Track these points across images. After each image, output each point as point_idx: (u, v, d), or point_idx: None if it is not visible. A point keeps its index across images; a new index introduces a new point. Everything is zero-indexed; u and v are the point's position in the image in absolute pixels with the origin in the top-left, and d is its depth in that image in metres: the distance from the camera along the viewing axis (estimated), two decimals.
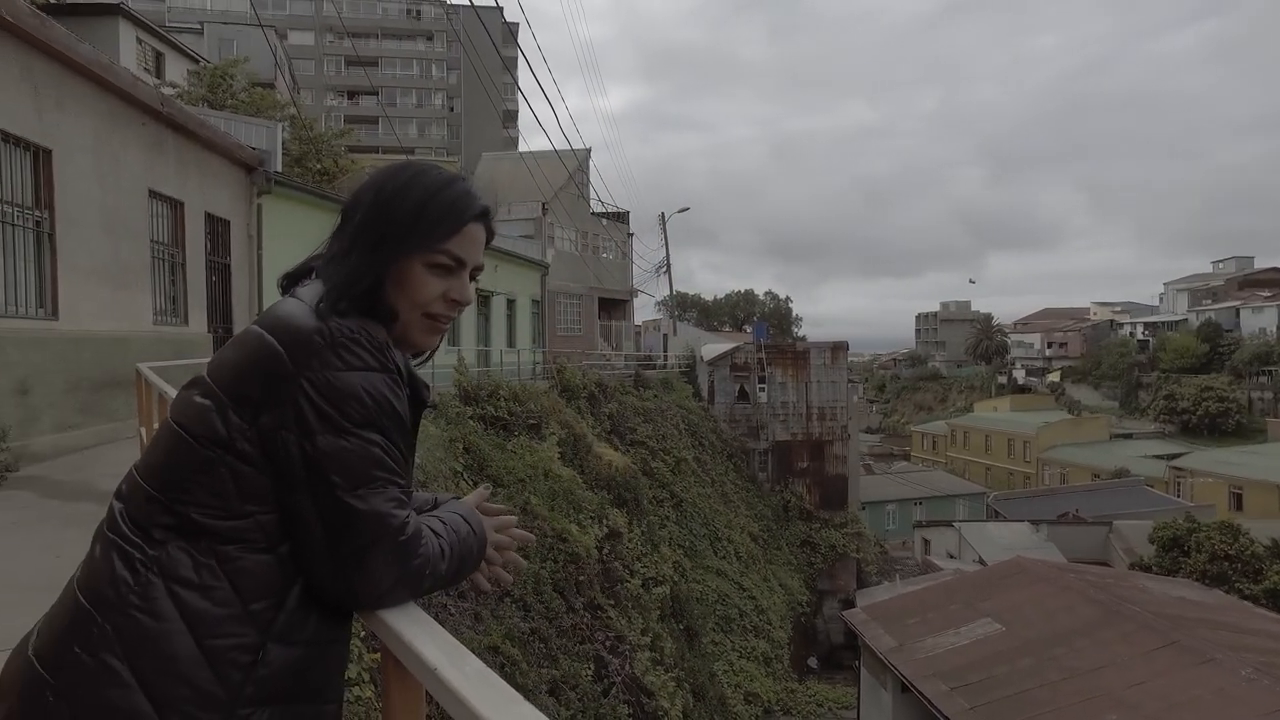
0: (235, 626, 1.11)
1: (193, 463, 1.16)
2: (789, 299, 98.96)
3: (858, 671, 15.72)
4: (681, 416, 24.94)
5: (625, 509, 14.85)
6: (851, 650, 19.67)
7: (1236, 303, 71.64)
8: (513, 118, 62.25)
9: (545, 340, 28.64)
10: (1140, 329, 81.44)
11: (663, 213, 43.43)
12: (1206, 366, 66.62)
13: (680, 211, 41.63)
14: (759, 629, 20.44)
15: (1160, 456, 50.18)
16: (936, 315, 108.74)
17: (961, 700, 10.15)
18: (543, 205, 30.60)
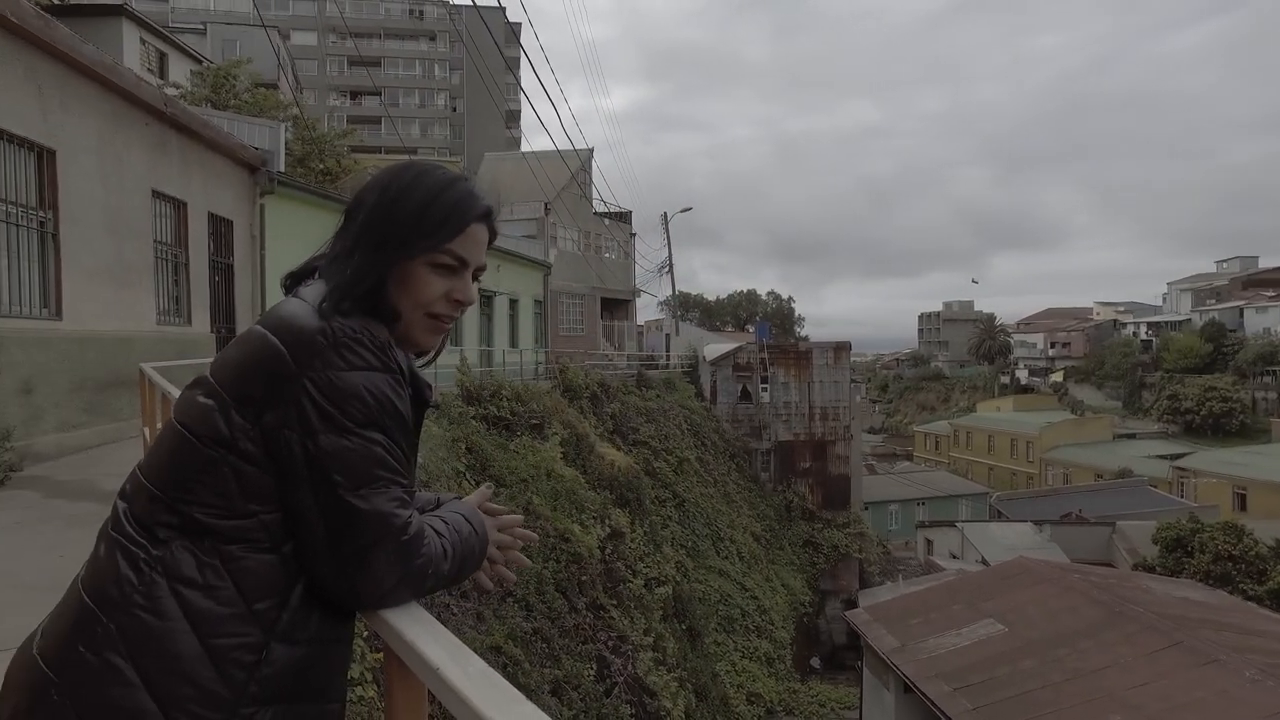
0: (239, 626, 1.12)
1: (196, 462, 1.16)
2: (792, 299, 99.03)
3: (860, 672, 15.70)
4: (684, 416, 24.93)
5: (628, 509, 14.85)
6: (854, 651, 19.65)
7: (1240, 302, 71.43)
8: (515, 118, 62.27)
9: (548, 340, 28.65)
10: (1144, 329, 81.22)
11: (665, 212, 43.46)
12: (1210, 366, 66.43)
13: (683, 211, 41.63)
14: (761, 629, 20.44)
15: (1164, 457, 50.08)
16: (939, 315, 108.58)
17: (964, 701, 10.14)
18: (545, 205, 30.62)
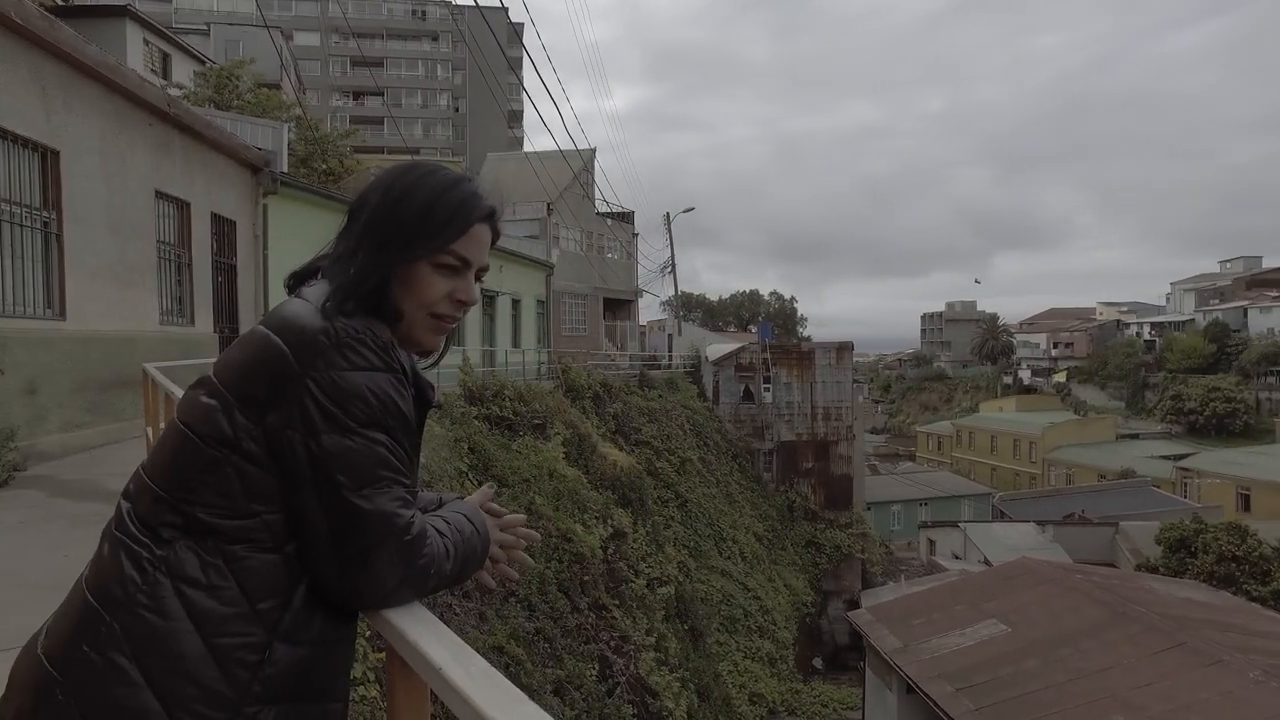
0: (242, 625, 1.12)
1: (199, 462, 1.16)
2: (794, 299, 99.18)
3: (863, 672, 15.69)
4: (686, 417, 24.92)
5: (630, 509, 14.85)
6: (856, 651, 19.64)
7: (1244, 302, 71.28)
8: (518, 118, 62.28)
9: (550, 340, 28.66)
10: (1147, 329, 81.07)
11: (667, 213, 43.42)
12: (1214, 367, 66.30)
13: (685, 211, 41.54)
14: (764, 629, 20.43)
15: (1167, 457, 49.98)
16: (942, 315, 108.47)
17: (967, 701, 10.13)
18: (548, 205, 30.63)
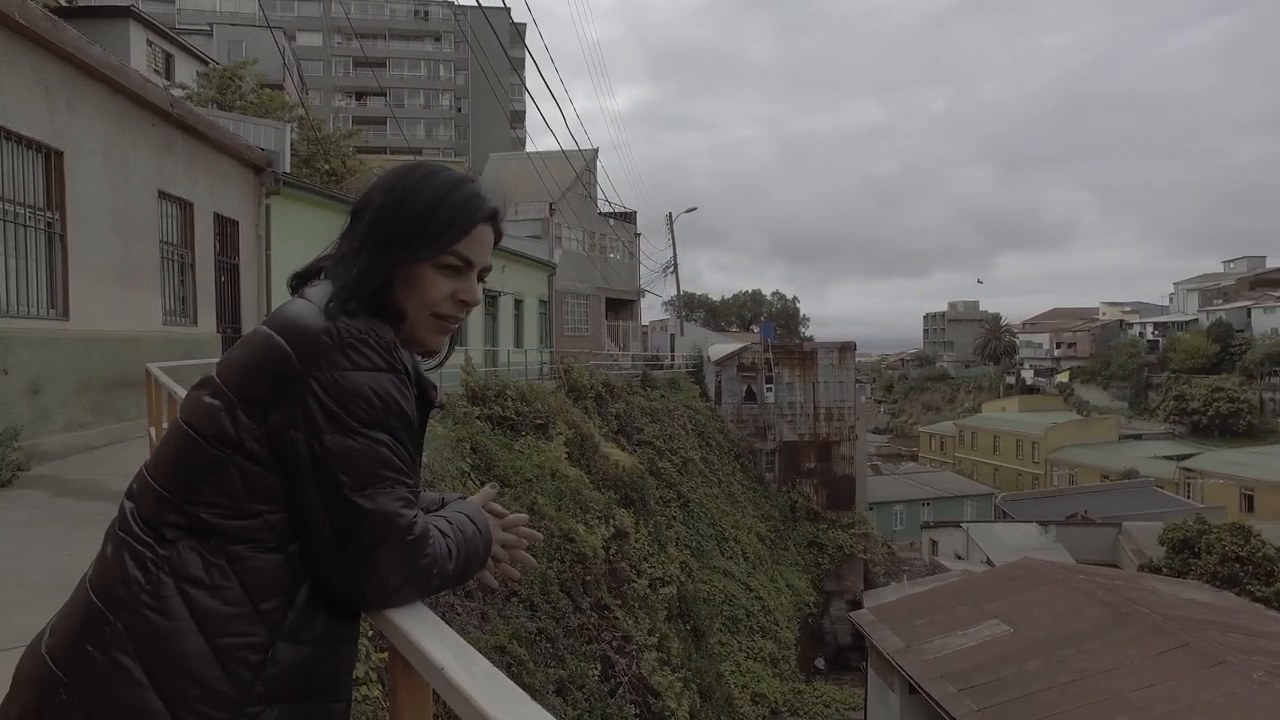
0: (245, 625, 1.12)
1: (202, 462, 1.17)
2: (796, 299, 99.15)
3: (865, 673, 15.68)
4: (688, 417, 24.92)
5: (632, 509, 14.85)
6: (859, 651, 19.61)
7: (1248, 303, 71.06)
8: (520, 118, 62.31)
9: (552, 340, 28.68)
10: (1150, 329, 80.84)
11: (670, 213, 43.39)
12: (1217, 367, 66.11)
13: (687, 211, 41.52)
14: (766, 629, 20.42)
15: (1170, 457, 49.87)
16: (944, 315, 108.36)
17: (969, 702, 10.12)
18: (550, 205, 30.63)
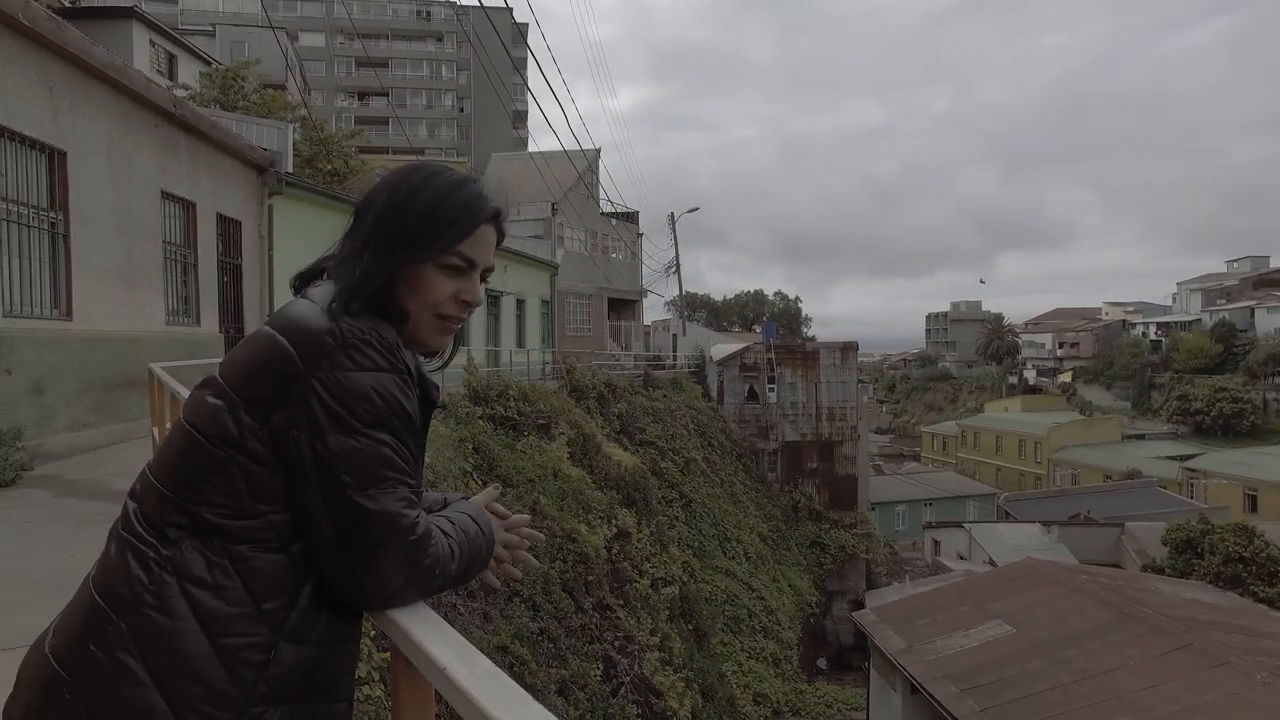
0: (248, 625, 1.13)
1: (205, 462, 1.17)
2: (798, 299, 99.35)
3: (867, 673, 15.67)
4: (691, 417, 24.91)
5: (634, 509, 14.85)
6: (861, 651, 19.60)
7: (1251, 302, 70.91)
8: (522, 118, 62.39)
9: (555, 340, 28.69)
10: (1153, 329, 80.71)
11: (672, 213, 43.43)
12: (1220, 367, 66.00)
13: (689, 211, 41.69)
14: (768, 630, 20.40)
15: (1173, 458, 49.82)
16: (947, 315, 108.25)
17: (971, 702, 10.11)
18: (552, 205, 30.65)
